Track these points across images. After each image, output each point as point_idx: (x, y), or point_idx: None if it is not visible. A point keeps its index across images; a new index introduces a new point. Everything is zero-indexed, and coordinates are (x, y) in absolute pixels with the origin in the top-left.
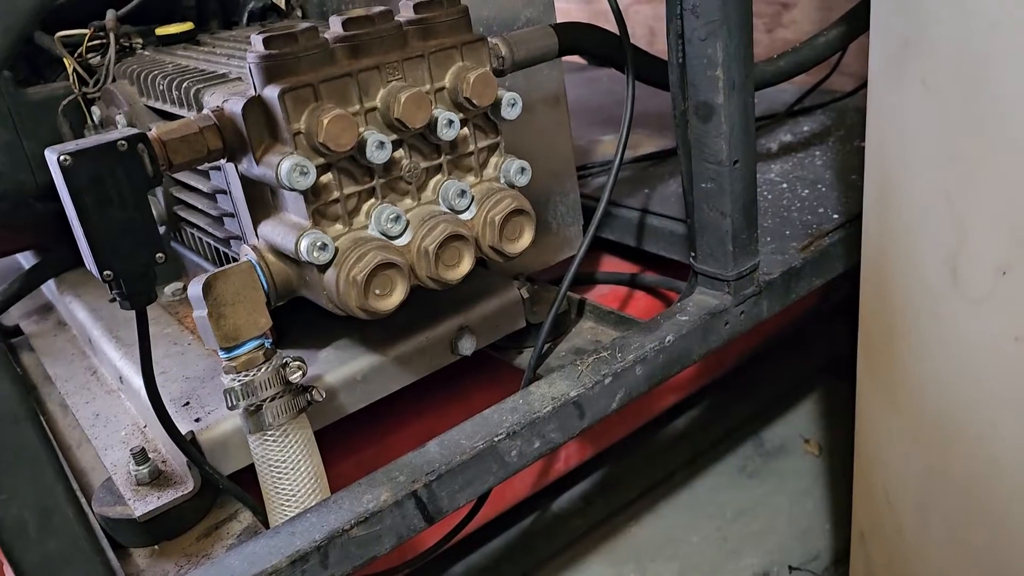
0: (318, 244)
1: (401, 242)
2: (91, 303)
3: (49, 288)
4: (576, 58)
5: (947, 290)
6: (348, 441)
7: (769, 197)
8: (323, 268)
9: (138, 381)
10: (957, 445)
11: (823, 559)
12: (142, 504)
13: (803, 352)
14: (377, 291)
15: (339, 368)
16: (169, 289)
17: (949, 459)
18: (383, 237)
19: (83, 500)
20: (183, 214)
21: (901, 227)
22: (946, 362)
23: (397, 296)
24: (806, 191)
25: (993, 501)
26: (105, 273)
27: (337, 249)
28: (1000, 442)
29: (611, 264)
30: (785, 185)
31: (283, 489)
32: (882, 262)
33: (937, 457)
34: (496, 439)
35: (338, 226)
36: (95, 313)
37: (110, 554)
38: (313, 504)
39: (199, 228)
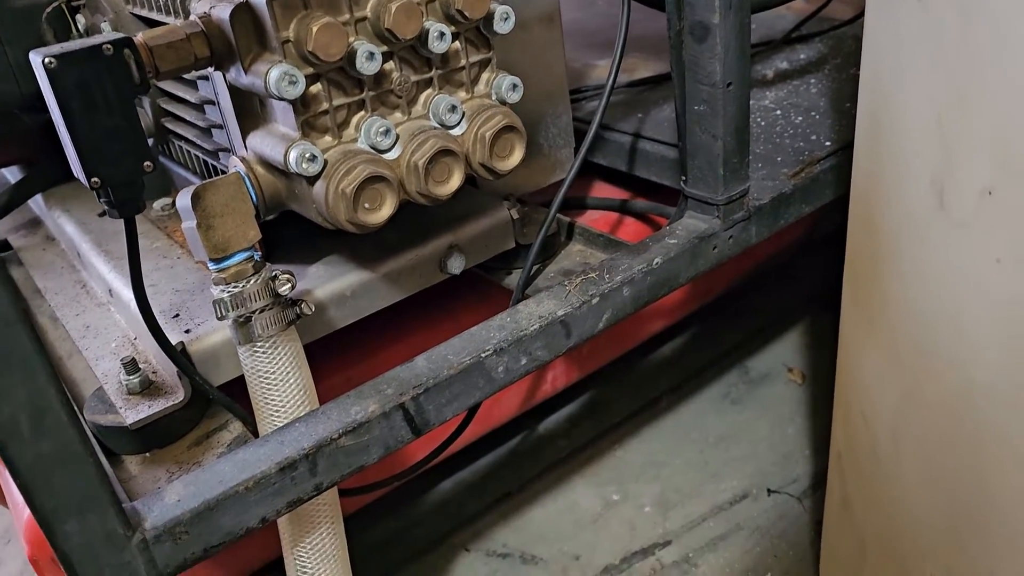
0: (307, 155)
1: (391, 156)
2: (80, 217)
3: (37, 203)
4: None
5: (932, 213)
6: (338, 357)
7: (763, 124)
8: (312, 180)
9: (128, 294)
10: (933, 368)
11: (801, 483)
12: (133, 412)
13: (790, 283)
14: (366, 204)
15: (328, 283)
16: (158, 204)
17: (925, 382)
18: (373, 151)
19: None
20: (171, 126)
21: (890, 151)
22: (928, 285)
23: (386, 210)
24: (800, 118)
25: (965, 424)
26: (93, 180)
27: (326, 161)
28: (976, 365)
29: (603, 190)
30: (779, 112)
31: (272, 400)
32: (870, 187)
33: (913, 380)
34: (483, 355)
35: (327, 138)
36: (84, 227)
37: (103, 458)
38: (302, 415)
39: (187, 140)
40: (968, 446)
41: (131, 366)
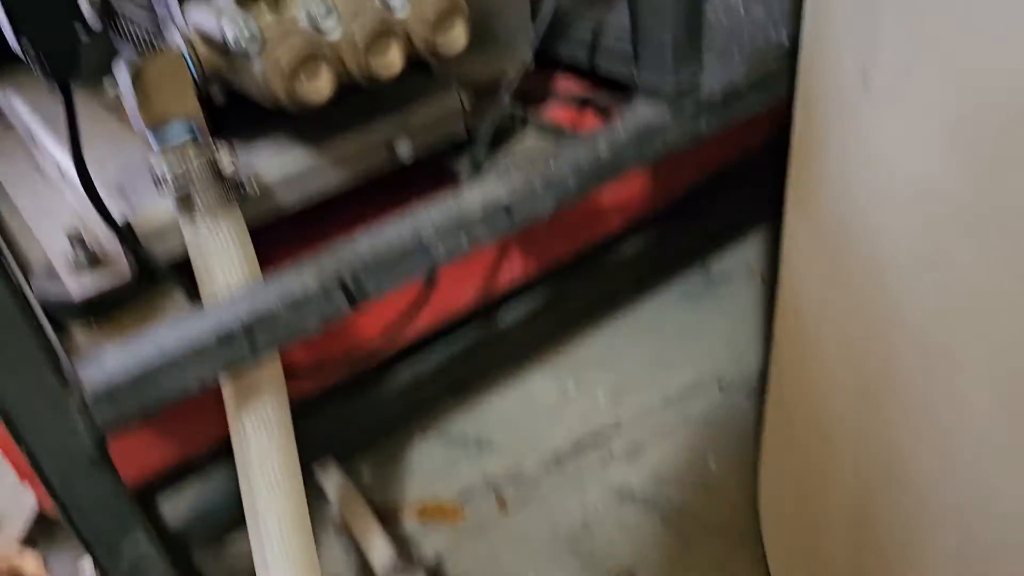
0: (244, 30)
1: (330, 31)
2: (32, 99)
3: None
4: None
5: (859, 97)
6: (286, 245)
7: (723, 19)
8: (250, 55)
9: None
10: (852, 246)
11: (752, 380)
12: (79, 285)
13: (754, 185)
14: (304, 79)
15: (275, 166)
16: (111, 90)
17: (844, 261)
18: (312, 28)
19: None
20: (115, 3)
21: (828, 35)
22: (852, 167)
23: (324, 84)
24: (760, 12)
25: (875, 301)
26: (23, 43)
27: (265, 37)
28: (887, 239)
29: (564, 84)
30: (740, 5)
31: (215, 275)
32: (811, 71)
33: (834, 260)
34: (422, 232)
35: (266, 14)
36: (37, 110)
37: (46, 325)
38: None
39: (131, 21)
40: (876, 325)
41: (78, 241)
